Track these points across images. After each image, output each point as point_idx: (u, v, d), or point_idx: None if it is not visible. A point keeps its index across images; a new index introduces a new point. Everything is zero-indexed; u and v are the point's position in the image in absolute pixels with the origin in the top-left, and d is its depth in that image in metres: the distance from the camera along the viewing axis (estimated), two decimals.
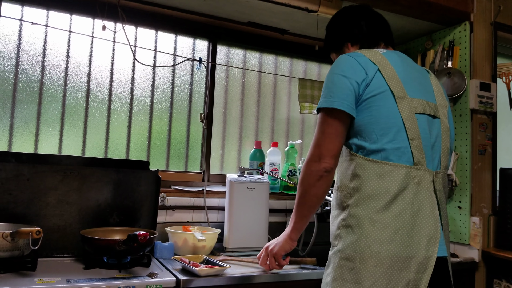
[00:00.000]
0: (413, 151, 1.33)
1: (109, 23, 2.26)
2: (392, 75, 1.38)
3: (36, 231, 1.54)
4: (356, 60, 1.39)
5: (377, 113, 1.34)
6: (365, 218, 1.30)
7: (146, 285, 1.53)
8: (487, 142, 2.35)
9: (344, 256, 1.32)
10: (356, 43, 1.58)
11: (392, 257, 1.26)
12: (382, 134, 1.33)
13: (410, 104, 1.37)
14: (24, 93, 2.13)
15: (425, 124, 1.40)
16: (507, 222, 2.25)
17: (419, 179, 1.33)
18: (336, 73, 1.39)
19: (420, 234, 1.29)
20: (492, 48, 2.42)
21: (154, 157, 2.40)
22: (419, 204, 1.31)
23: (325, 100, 1.37)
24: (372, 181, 1.32)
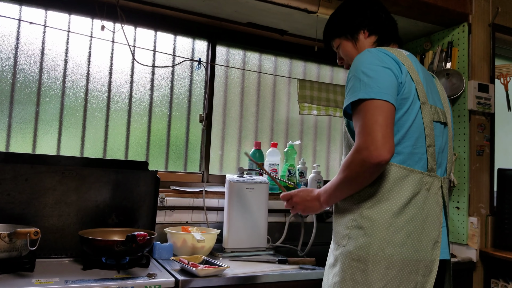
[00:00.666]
0: (429, 158, 1.34)
1: (108, 23, 2.25)
2: (418, 79, 1.36)
3: (34, 231, 1.53)
4: (391, 56, 1.33)
5: (404, 116, 1.32)
6: (380, 221, 1.29)
7: (145, 286, 1.53)
8: (485, 143, 2.35)
9: (355, 258, 1.30)
10: (374, 33, 1.51)
11: (404, 260, 1.27)
12: (405, 137, 1.32)
13: (430, 111, 1.37)
14: (22, 93, 2.12)
15: (438, 131, 1.41)
16: (505, 222, 2.26)
17: (429, 185, 1.34)
18: (377, 64, 1.30)
19: (428, 238, 1.32)
20: (490, 49, 2.43)
21: (153, 157, 2.39)
22: (428, 209, 1.33)
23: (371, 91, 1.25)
24: (388, 184, 1.30)
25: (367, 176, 1.27)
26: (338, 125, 2.97)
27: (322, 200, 1.45)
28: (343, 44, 1.55)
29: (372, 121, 1.23)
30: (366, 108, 1.25)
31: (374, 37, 1.51)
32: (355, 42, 1.52)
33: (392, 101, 1.25)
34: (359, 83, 1.28)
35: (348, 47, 1.54)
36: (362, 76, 1.28)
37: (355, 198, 1.34)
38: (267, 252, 2.16)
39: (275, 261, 1.97)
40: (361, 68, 1.30)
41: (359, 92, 1.26)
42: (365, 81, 1.27)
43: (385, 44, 1.51)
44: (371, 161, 1.21)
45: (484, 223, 2.30)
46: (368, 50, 1.35)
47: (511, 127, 2.92)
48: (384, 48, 1.37)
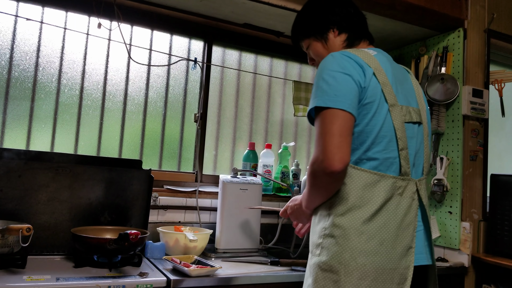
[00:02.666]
0: (401, 162, 1.30)
1: (104, 21, 2.25)
2: (385, 81, 1.31)
3: (27, 228, 1.53)
4: (354, 60, 1.29)
5: (372, 121, 1.27)
6: (351, 229, 1.24)
7: (136, 285, 1.52)
8: (478, 148, 2.37)
9: (327, 268, 1.25)
10: (344, 31, 1.46)
11: (377, 269, 1.23)
12: (375, 143, 1.28)
13: (401, 112, 1.32)
14: (17, 89, 2.12)
15: (412, 132, 1.36)
16: (497, 227, 2.27)
17: (403, 189, 1.30)
18: (337, 70, 1.26)
19: (401, 245, 1.27)
20: (485, 55, 2.45)
21: (147, 156, 2.39)
22: (401, 214, 1.28)
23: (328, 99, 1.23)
24: (359, 191, 1.26)
25: (325, 185, 1.26)
26: None
27: (304, 207, 1.43)
28: (312, 45, 1.50)
29: (326, 130, 1.21)
30: (322, 116, 1.23)
31: (344, 35, 1.46)
32: (325, 41, 1.47)
33: (349, 109, 1.22)
34: (318, 90, 1.26)
35: (318, 47, 1.49)
36: (322, 82, 1.26)
37: (327, 205, 1.30)
38: (259, 253, 2.16)
39: (267, 262, 1.97)
40: (322, 75, 1.27)
41: (317, 100, 1.25)
42: (323, 88, 1.25)
43: (356, 42, 1.46)
44: (323, 171, 1.19)
45: (476, 228, 2.31)
46: (332, 54, 1.31)
47: (504, 132, 2.94)
48: (349, 51, 1.32)
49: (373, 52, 1.38)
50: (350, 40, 1.46)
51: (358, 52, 1.32)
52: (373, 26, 2.43)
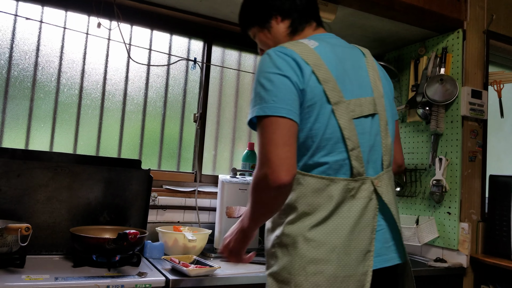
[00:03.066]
0: (353, 163, 1.20)
1: (104, 20, 2.25)
2: (327, 77, 1.20)
3: (25, 227, 1.53)
4: (291, 57, 1.18)
5: (315, 125, 1.19)
6: (299, 237, 1.16)
7: (135, 284, 1.52)
8: (477, 149, 2.37)
9: (280, 279, 1.18)
10: (287, 17, 1.36)
11: (329, 278, 1.14)
12: (319, 147, 1.19)
13: (347, 109, 1.22)
14: (16, 89, 2.11)
15: (363, 127, 1.25)
16: (496, 228, 2.27)
17: (356, 191, 1.21)
18: (273, 72, 1.17)
19: (357, 250, 1.18)
20: (484, 56, 2.45)
21: (146, 156, 2.39)
22: (355, 217, 1.19)
23: (267, 106, 1.14)
24: (308, 197, 1.18)
25: (272, 200, 1.16)
26: None
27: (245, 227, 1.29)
28: (258, 35, 1.42)
29: (267, 140, 1.12)
30: (262, 126, 1.15)
31: (288, 21, 1.36)
32: (268, 30, 1.39)
33: (290, 115, 1.13)
34: (256, 97, 1.17)
35: (263, 36, 1.41)
36: (259, 88, 1.17)
37: (281, 214, 1.23)
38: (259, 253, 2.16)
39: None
40: (258, 78, 1.19)
41: (255, 108, 1.16)
42: (261, 95, 1.16)
43: (300, 27, 1.37)
44: (270, 185, 1.10)
45: (475, 229, 2.31)
46: (267, 53, 1.21)
47: (503, 133, 2.95)
48: (286, 46, 1.22)
49: (314, 44, 1.26)
50: (294, 25, 1.37)
51: (296, 46, 1.22)
52: (372, 27, 2.44)
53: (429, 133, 2.46)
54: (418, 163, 2.52)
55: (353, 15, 2.29)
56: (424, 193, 2.46)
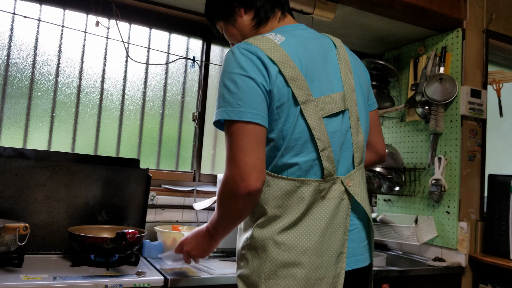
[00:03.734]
0: (324, 163, 1.16)
1: (102, 19, 2.24)
2: (295, 75, 1.15)
3: (23, 227, 1.52)
4: (256, 56, 1.13)
5: (286, 126, 1.15)
6: (268, 240, 1.13)
7: (133, 284, 1.52)
8: (476, 148, 2.37)
9: (249, 283, 1.15)
10: (249, 7, 1.31)
11: (300, 281, 1.11)
12: (288, 147, 1.15)
13: (316, 107, 1.17)
14: (14, 88, 2.11)
15: (333, 125, 1.21)
16: (494, 227, 2.27)
17: (326, 192, 1.17)
18: (238, 73, 1.12)
19: (329, 252, 1.15)
20: (484, 55, 2.45)
21: (144, 155, 2.38)
22: (326, 219, 1.16)
23: (232, 110, 1.10)
24: (278, 200, 1.15)
25: (242, 207, 1.14)
26: None
27: (212, 236, 1.29)
28: (225, 29, 1.38)
29: (235, 147, 1.09)
30: (229, 131, 1.11)
31: (251, 12, 1.31)
32: (233, 24, 1.34)
33: (257, 120, 1.10)
34: (221, 99, 1.13)
35: (230, 30, 1.37)
36: (224, 89, 1.13)
37: (251, 215, 1.20)
38: None
39: None
40: (223, 79, 1.14)
41: (220, 111, 1.12)
42: (226, 97, 1.11)
43: (264, 19, 1.31)
44: (239, 193, 1.08)
45: (473, 228, 2.31)
46: (232, 51, 1.16)
47: (502, 133, 2.95)
48: (251, 42, 1.17)
49: (280, 39, 1.20)
50: (258, 16, 1.31)
51: (262, 42, 1.16)
52: (372, 26, 2.44)
53: (428, 132, 2.45)
54: (417, 162, 2.52)
55: (353, 14, 2.29)
56: (423, 193, 2.46)
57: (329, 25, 2.45)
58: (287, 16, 1.35)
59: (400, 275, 2.08)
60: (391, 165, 2.46)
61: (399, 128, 2.68)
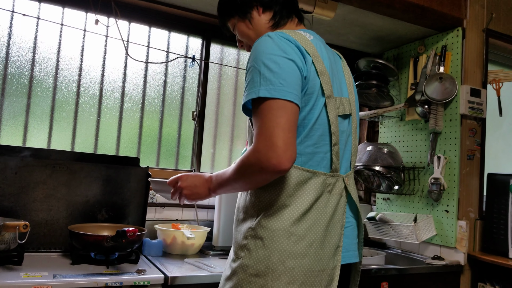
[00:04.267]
0: (333, 158, 1.22)
1: (102, 17, 2.24)
2: (323, 70, 1.20)
3: (23, 225, 1.52)
4: (294, 44, 1.17)
5: (309, 115, 1.18)
6: (280, 231, 1.15)
7: (134, 282, 1.52)
8: (475, 148, 2.37)
9: (254, 272, 1.15)
10: (268, 8, 1.33)
11: (306, 272, 1.15)
12: (307, 136, 1.19)
13: (335, 105, 1.23)
14: (13, 86, 2.10)
15: (342, 125, 1.28)
16: (493, 226, 2.28)
17: (332, 187, 1.22)
18: (279, 55, 1.13)
19: (330, 245, 1.20)
20: (484, 54, 2.45)
21: (144, 154, 2.38)
22: (330, 213, 1.21)
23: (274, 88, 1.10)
24: (290, 189, 1.17)
25: (262, 182, 1.15)
26: None
27: (212, 188, 1.28)
28: (238, 25, 1.38)
29: (273, 123, 1.08)
30: (267, 108, 1.10)
31: (269, 13, 1.33)
32: (249, 21, 1.34)
33: (296, 101, 1.11)
34: (260, 78, 1.12)
35: (243, 27, 1.36)
36: (263, 68, 1.12)
37: (255, 204, 1.20)
38: None
39: None
40: (261, 59, 1.13)
41: (260, 89, 1.11)
42: (266, 76, 1.11)
43: (282, 21, 1.35)
44: (269, 169, 1.07)
45: (472, 227, 2.32)
46: (269, 35, 1.17)
47: (501, 132, 2.95)
48: (286, 32, 1.19)
49: (309, 36, 1.26)
50: (276, 18, 1.34)
51: (296, 35, 1.20)
52: (372, 25, 2.44)
53: (428, 131, 2.46)
54: (416, 161, 2.52)
55: (353, 13, 2.29)
56: (423, 191, 2.46)
57: (329, 24, 2.45)
58: (301, 25, 1.41)
59: (399, 273, 2.08)
60: (390, 164, 2.46)
61: (398, 127, 2.69)
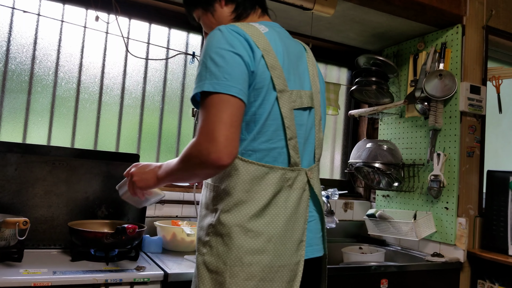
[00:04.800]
0: (290, 152, 1.21)
1: (102, 14, 2.23)
2: (275, 64, 1.19)
3: (23, 221, 1.53)
4: (244, 38, 1.16)
5: (260, 110, 1.17)
6: (236, 227, 1.14)
7: (133, 278, 1.52)
8: (475, 145, 2.37)
9: (213, 269, 1.16)
10: (231, 1, 1.33)
11: (264, 268, 1.14)
12: (261, 132, 1.18)
13: (290, 98, 1.22)
14: (14, 82, 2.10)
15: (301, 119, 1.26)
16: (493, 223, 2.28)
17: (292, 181, 1.22)
18: (226, 48, 1.13)
19: (292, 240, 1.20)
20: (483, 51, 2.45)
21: (144, 150, 2.38)
22: (291, 208, 1.20)
23: (218, 83, 1.10)
24: (246, 185, 1.16)
25: (203, 176, 1.17)
26: (330, 123, 2.98)
27: (159, 176, 1.27)
28: (202, 17, 1.38)
29: (216, 118, 1.07)
30: (210, 102, 1.10)
31: (232, 5, 1.33)
32: (212, 13, 1.35)
33: (241, 95, 1.11)
34: (206, 72, 1.12)
35: (207, 19, 1.37)
36: (210, 63, 1.12)
37: (214, 200, 1.21)
38: None
39: None
40: (209, 53, 1.14)
41: (205, 83, 1.11)
42: (212, 70, 1.11)
43: (245, 13, 1.34)
44: (208, 163, 1.07)
45: (472, 224, 2.32)
46: (219, 29, 1.17)
47: (501, 129, 2.95)
48: (238, 25, 1.19)
49: (264, 29, 1.24)
50: (239, 10, 1.33)
51: (248, 28, 1.19)
52: (372, 22, 2.43)
53: (428, 128, 2.46)
54: (416, 158, 2.52)
55: (353, 10, 2.29)
56: (422, 188, 2.47)
57: (329, 21, 2.45)
58: (265, 16, 1.39)
59: (399, 270, 2.09)
60: (390, 161, 2.46)
61: (398, 124, 2.69)
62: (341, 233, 2.76)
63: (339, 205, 2.79)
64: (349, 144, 3.02)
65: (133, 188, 1.36)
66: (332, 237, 2.70)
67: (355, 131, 3.07)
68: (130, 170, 1.37)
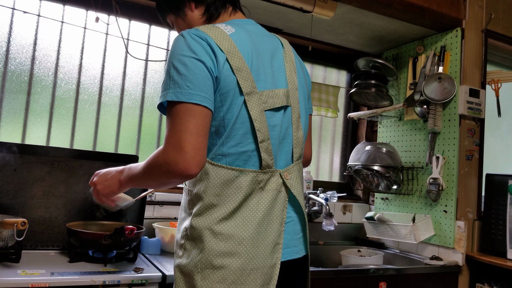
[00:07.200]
0: (262, 155, 1.19)
1: (102, 15, 2.24)
2: (241, 66, 1.17)
3: (21, 222, 1.52)
4: (206, 42, 1.14)
5: (227, 115, 1.16)
6: (206, 230, 1.15)
7: (131, 280, 1.52)
8: (474, 148, 2.37)
9: (186, 272, 1.16)
10: (200, 3, 1.32)
11: (236, 271, 1.13)
12: (229, 136, 1.17)
13: (260, 100, 1.19)
14: (13, 83, 2.10)
15: (274, 119, 1.23)
16: (491, 227, 2.28)
17: (264, 183, 1.20)
18: (188, 55, 1.12)
19: (265, 242, 1.18)
20: (482, 55, 2.45)
21: (143, 151, 2.38)
22: (263, 210, 1.19)
23: (181, 92, 1.09)
24: (216, 189, 1.16)
25: (169, 184, 1.17)
26: (329, 126, 2.98)
27: (122, 180, 1.28)
28: (175, 22, 1.39)
29: (181, 127, 1.07)
30: (175, 112, 1.10)
31: (202, 7, 1.32)
32: (183, 18, 1.35)
33: (205, 103, 1.10)
34: (169, 80, 1.12)
35: (180, 24, 1.37)
36: (172, 70, 1.12)
37: (189, 203, 1.22)
38: None
39: None
40: (172, 61, 1.13)
41: (168, 92, 1.11)
42: (175, 79, 1.11)
43: (215, 14, 1.33)
44: (176, 173, 1.08)
45: (471, 228, 2.32)
46: (182, 34, 1.16)
47: (500, 132, 2.95)
48: (202, 29, 1.18)
49: (230, 30, 1.22)
50: (209, 11, 1.32)
51: (212, 31, 1.17)
52: (371, 25, 2.44)
53: (427, 131, 2.46)
54: (415, 161, 2.53)
55: (352, 13, 2.29)
56: (421, 191, 2.47)
57: (328, 24, 2.46)
58: (238, 12, 1.37)
59: (397, 273, 2.09)
60: (389, 164, 2.46)
61: (397, 127, 2.69)
62: (339, 235, 2.76)
63: (338, 208, 2.79)
64: (348, 147, 3.02)
65: (99, 197, 1.36)
66: (331, 240, 2.70)
67: (354, 134, 3.07)
68: (93, 179, 1.37)
